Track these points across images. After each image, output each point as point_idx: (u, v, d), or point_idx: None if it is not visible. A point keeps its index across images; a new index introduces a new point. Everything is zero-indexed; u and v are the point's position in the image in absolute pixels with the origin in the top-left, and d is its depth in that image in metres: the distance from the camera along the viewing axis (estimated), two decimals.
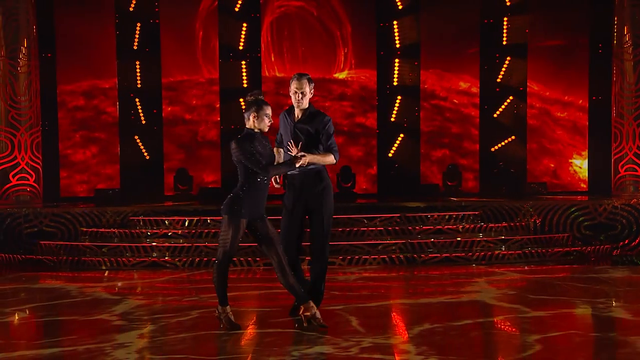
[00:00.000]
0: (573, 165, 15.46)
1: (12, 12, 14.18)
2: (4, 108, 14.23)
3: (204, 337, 7.00)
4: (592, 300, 8.51)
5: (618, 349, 6.34)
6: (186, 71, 16.15)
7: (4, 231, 12.63)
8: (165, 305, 8.75)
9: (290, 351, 6.07)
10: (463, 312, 8.11)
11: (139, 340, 6.76)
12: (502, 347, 6.57)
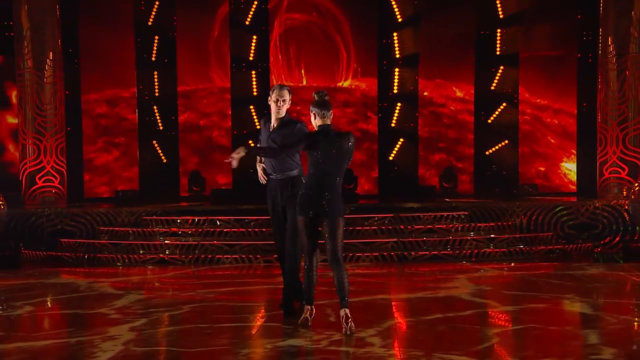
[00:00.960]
0: (563, 168, 15.36)
1: (39, 26, 14.12)
2: (31, 116, 14.24)
3: (188, 330, 6.99)
4: (560, 295, 8.51)
5: (569, 341, 6.32)
6: (200, 80, 16.11)
7: (28, 229, 12.72)
8: (162, 299, 8.73)
9: (265, 344, 6.09)
10: (436, 307, 8.05)
11: (128, 333, 6.75)
12: (461, 340, 6.46)
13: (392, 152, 15.42)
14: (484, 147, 15.24)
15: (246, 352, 5.97)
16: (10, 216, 12.58)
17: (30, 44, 14.22)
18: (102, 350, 6.01)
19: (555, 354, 5.81)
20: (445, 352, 5.81)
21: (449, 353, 5.80)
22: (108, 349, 6.06)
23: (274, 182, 6.73)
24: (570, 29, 14.80)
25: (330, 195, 6.08)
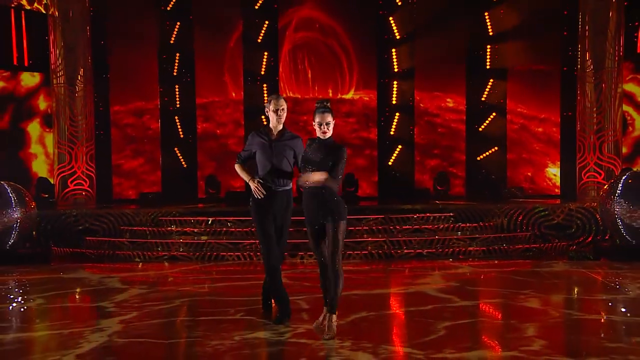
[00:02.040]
0: (548, 173, 15.27)
1: (71, 46, 14.43)
2: (64, 126, 14.51)
3: (171, 323, 7.03)
4: (519, 291, 8.35)
5: (507, 334, 6.27)
6: (216, 93, 16.11)
7: (57, 228, 12.72)
8: (160, 294, 8.66)
9: (234, 336, 6.04)
10: (402, 301, 8.07)
11: (117, 325, 6.71)
12: (410, 333, 6.47)
13: (391, 158, 15.53)
14: (475, 153, 15.34)
15: (215, 343, 5.86)
16: (41, 216, 12.53)
17: (64, 61, 14.50)
18: (88, 341, 5.99)
19: (489, 345, 5.90)
20: (392, 344, 5.89)
21: (395, 345, 5.90)
22: (93, 340, 6.03)
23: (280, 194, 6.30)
24: (556, 44, 14.67)
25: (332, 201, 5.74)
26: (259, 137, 6.38)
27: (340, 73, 15.93)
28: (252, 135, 6.50)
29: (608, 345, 5.76)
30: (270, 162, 6.24)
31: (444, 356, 5.42)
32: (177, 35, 15.75)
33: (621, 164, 13.37)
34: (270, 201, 6.23)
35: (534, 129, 15.34)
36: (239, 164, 6.44)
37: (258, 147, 6.34)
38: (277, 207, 6.28)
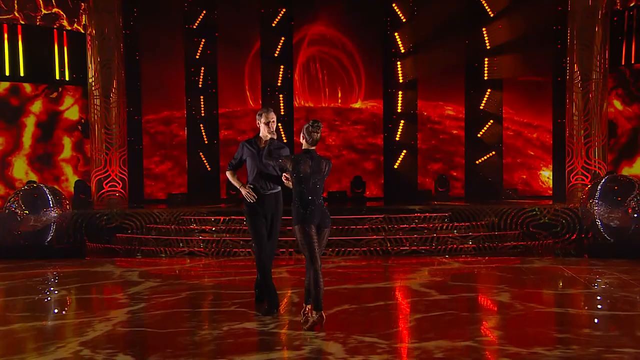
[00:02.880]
0: (542, 176, 15.24)
1: (106, 62, 14.75)
2: (100, 133, 14.82)
3: (172, 314, 6.95)
4: (493, 286, 8.43)
5: (469, 325, 6.25)
6: (237, 103, 16.26)
7: (92, 226, 12.89)
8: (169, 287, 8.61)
9: (222, 326, 6.08)
10: (384, 295, 7.91)
11: (124, 315, 6.76)
12: (382, 324, 6.43)
13: (396, 162, 15.59)
14: (474, 157, 15.34)
15: (204, 333, 5.92)
16: (76, 215, 12.81)
17: (100, 75, 14.77)
18: (94, 330, 6.04)
19: (449, 336, 5.77)
20: (362, 334, 5.75)
21: (365, 335, 5.75)
22: (99, 329, 6.07)
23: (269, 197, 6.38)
24: (548, 57, 14.62)
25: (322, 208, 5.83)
26: (248, 147, 6.45)
27: (349, 84, 16.00)
28: (242, 145, 6.55)
29: (556, 336, 5.83)
30: (259, 168, 6.32)
31: (405, 346, 5.51)
32: (202, 50, 15.93)
33: (607, 168, 13.32)
34: (261, 203, 6.33)
35: (528, 135, 15.32)
36: (230, 172, 6.54)
37: (248, 155, 6.43)
38: (267, 208, 6.36)
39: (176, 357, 5.03)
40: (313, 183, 5.78)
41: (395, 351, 5.30)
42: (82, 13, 15.21)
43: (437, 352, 5.20)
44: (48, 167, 15.55)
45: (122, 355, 5.08)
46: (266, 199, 6.34)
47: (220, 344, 5.55)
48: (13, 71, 15.01)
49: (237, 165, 6.52)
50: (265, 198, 6.34)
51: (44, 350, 5.31)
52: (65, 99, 15.68)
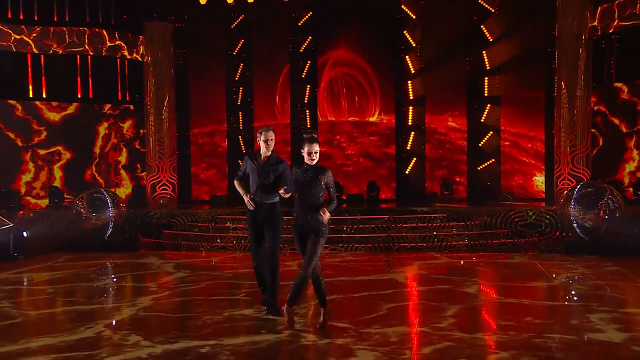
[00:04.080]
0: (535, 181, 15.13)
1: (159, 85, 15.20)
2: (153, 145, 15.24)
3: (189, 301, 7.11)
4: (468, 279, 8.27)
5: (432, 313, 6.26)
6: (270, 117, 16.45)
7: (144, 223, 13.02)
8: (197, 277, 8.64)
9: (224, 312, 6.27)
10: (371, 287, 7.78)
11: (148, 301, 6.89)
12: (359, 312, 6.37)
13: (407, 168, 15.65)
14: (475, 164, 15.36)
15: (207, 317, 6.06)
16: (131, 214, 13.05)
17: (154, 96, 15.17)
18: (120, 314, 6.28)
19: (410, 323, 5.95)
20: (338, 321, 5.84)
21: (340, 321, 5.84)
22: (124, 314, 6.30)
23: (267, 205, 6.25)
24: (541, 76, 14.56)
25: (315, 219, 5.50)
26: (250, 161, 6.37)
27: (366, 100, 16.00)
28: (245, 159, 6.46)
29: (500, 323, 5.87)
30: (259, 182, 6.22)
31: (369, 330, 5.54)
32: (241, 73, 16.28)
33: (590, 174, 13.21)
34: (259, 211, 6.22)
35: (524, 145, 15.16)
36: (237, 181, 6.42)
37: (249, 169, 6.36)
38: (265, 216, 6.21)
39: (177, 338, 5.32)
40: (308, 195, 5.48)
41: (359, 335, 5.40)
42: (140, 44, 15.60)
43: (393, 337, 5.33)
44: (111, 174, 15.88)
45: (134, 336, 5.39)
46: (264, 207, 6.21)
47: (217, 327, 5.72)
48: (84, 93, 15.43)
49: (242, 176, 6.43)
50: (263, 206, 6.21)
51: (74, 330, 5.64)
52: (126, 117, 16.04)
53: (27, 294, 7.86)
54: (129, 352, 4.93)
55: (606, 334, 5.44)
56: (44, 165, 15.24)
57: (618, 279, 8.16)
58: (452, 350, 5.00)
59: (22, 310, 6.72)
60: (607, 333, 5.48)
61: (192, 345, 5.12)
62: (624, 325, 5.73)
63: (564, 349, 5.04)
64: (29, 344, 5.25)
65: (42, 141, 15.19)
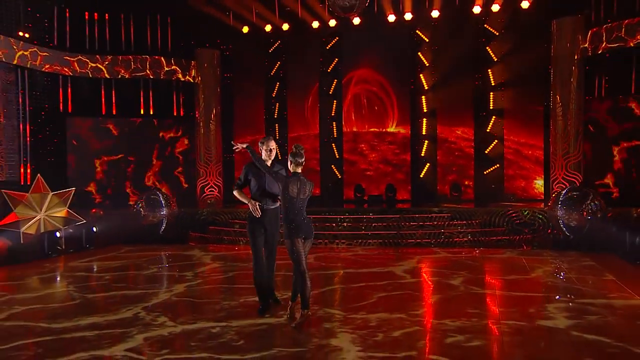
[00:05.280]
0: (535, 184, 15.01)
1: (207, 102, 15.70)
2: (202, 152, 15.73)
3: (215, 288, 7.39)
4: (456, 271, 8.22)
5: (414, 302, 6.38)
6: (302, 128, 16.67)
7: (193, 220, 13.37)
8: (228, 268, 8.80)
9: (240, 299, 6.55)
10: (369, 278, 7.78)
11: (182, 288, 7.22)
12: (352, 300, 6.47)
13: (421, 173, 15.64)
14: (482, 169, 15.25)
15: (224, 303, 6.32)
16: (181, 213, 13.49)
17: (203, 111, 15.70)
18: (157, 298, 6.58)
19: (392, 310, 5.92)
20: (331, 308, 6.06)
21: (332, 308, 6.07)
22: (160, 298, 6.61)
23: (271, 211, 5.92)
24: (540, 91, 14.32)
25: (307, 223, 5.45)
26: (254, 167, 5.92)
27: (385, 113, 16.10)
28: (247, 167, 6.02)
29: (469, 311, 5.93)
30: (262, 187, 5.91)
31: (355, 316, 5.71)
32: (277, 91, 16.51)
33: (582, 179, 13.11)
34: (263, 216, 5.85)
35: (525, 152, 15.04)
36: (237, 190, 5.98)
37: (253, 175, 5.94)
38: (268, 220, 5.89)
39: (196, 320, 5.72)
40: (299, 202, 5.38)
41: (345, 320, 5.61)
42: (192, 68, 16.06)
43: (373, 322, 5.53)
44: (168, 177, 16.35)
45: (163, 317, 5.82)
46: (268, 212, 5.87)
47: (231, 311, 6.03)
48: (146, 110, 16.12)
49: (242, 185, 5.97)
50: (267, 211, 5.87)
51: (116, 312, 6.12)
52: (179, 129, 16.48)
53: (89, 280, 8.27)
54: (155, 331, 5.41)
55: (554, 321, 5.63)
56: (112, 171, 15.92)
57: (588, 272, 8.21)
58: (418, 333, 5.23)
59: (82, 293, 7.18)
60: (555, 320, 5.66)
61: (206, 326, 5.50)
62: (574, 314, 5.88)
63: (511, 333, 5.26)
64: (80, 321, 5.80)
65: (111, 150, 15.84)
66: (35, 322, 5.85)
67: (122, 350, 4.83)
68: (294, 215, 5.36)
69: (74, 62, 15.25)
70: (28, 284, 8.03)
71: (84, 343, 5.06)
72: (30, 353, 4.83)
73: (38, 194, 10.77)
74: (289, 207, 5.35)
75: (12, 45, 13.63)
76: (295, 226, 5.37)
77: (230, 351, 4.77)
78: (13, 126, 14.05)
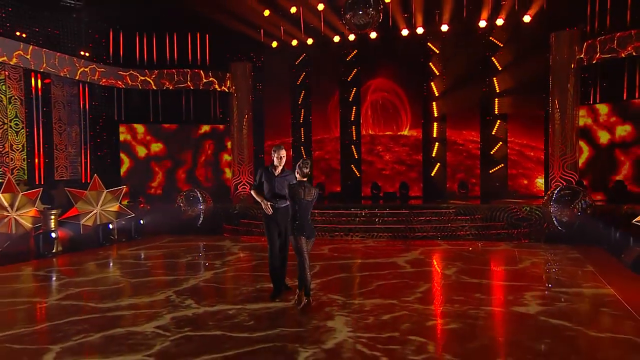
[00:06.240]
0: (537, 182, 14.87)
1: (241, 109, 16.09)
2: (236, 154, 16.07)
3: (237, 275, 7.47)
4: (451, 262, 8.27)
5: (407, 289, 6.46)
6: (325, 132, 16.74)
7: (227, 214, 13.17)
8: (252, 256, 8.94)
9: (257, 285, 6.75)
10: (374, 267, 7.81)
11: (209, 275, 7.46)
12: (353, 287, 6.65)
13: (432, 172, 15.65)
14: (487, 169, 15.16)
15: (244, 289, 6.52)
16: (216, 208, 13.57)
17: (237, 117, 16.07)
18: (187, 283, 6.87)
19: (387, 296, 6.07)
20: (335, 294, 6.20)
21: (336, 294, 6.21)
22: (189, 283, 6.88)
23: (282, 209, 6.04)
24: (541, 97, 14.17)
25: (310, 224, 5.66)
26: (266, 172, 6.12)
27: (399, 118, 16.11)
28: (261, 170, 6.21)
29: (454, 298, 6.09)
30: (273, 189, 6.07)
31: (353, 302, 5.90)
32: (303, 98, 16.71)
33: (578, 177, 13.02)
34: (275, 214, 6.03)
35: (527, 153, 14.87)
36: (254, 190, 6.18)
37: (265, 179, 6.11)
38: (280, 217, 6.03)
39: (217, 302, 6.05)
40: (304, 205, 5.57)
41: (343, 305, 5.82)
42: (227, 79, 16.47)
43: (367, 307, 5.73)
44: (205, 176, 16.67)
45: (189, 300, 6.17)
46: (280, 210, 6.04)
47: (247, 296, 6.29)
48: (187, 117, 16.56)
49: (258, 186, 6.18)
50: (279, 210, 6.04)
51: (150, 294, 6.52)
52: (216, 133, 16.81)
53: (133, 266, 8.62)
54: (181, 312, 5.81)
55: (527, 307, 5.80)
56: (158, 170, 16.45)
57: (571, 264, 8.24)
58: (404, 317, 5.45)
59: (126, 278, 7.60)
60: (528, 307, 5.82)
61: (224, 308, 5.84)
62: (546, 301, 6.02)
63: (485, 317, 5.47)
64: (120, 302, 6.25)
65: (157, 152, 16.37)
66: (85, 302, 6.33)
67: (152, 327, 5.25)
68: (299, 217, 5.58)
69: (126, 76, 15.94)
70: (84, 268, 8.51)
71: (122, 320, 5.51)
72: (78, 327, 5.31)
73: (95, 191, 11.39)
74: (296, 208, 5.58)
75: (75, 63, 14.40)
76: (299, 224, 5.60)
77: (240, 330, 5.12)
78: (76, 132, 14.82)
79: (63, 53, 13.92)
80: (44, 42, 13.37)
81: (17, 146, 12.62)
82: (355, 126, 16.33)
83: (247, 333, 5.02)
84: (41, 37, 13.30)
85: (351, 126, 16.37)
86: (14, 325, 5.37)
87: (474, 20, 14.47)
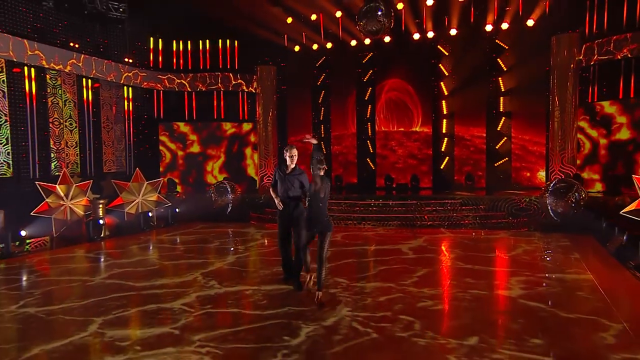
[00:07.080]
0: (539, 175, 14.78)
1: (266, 108, 16.17)
2: (262, 149, 16.22)
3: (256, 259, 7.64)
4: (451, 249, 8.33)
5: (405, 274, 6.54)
6: (342, 128, 16.85)
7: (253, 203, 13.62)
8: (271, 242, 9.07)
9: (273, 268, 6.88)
10: (379, 254, 7.88)
11: (233, 258, 7.72)
12: (357, 271, 6.77)
13: (441, 165, 15.61)
14: (493, 162, 15.04)
15: (261, 271, 6.73)
16: (244, 197, 13.97)
17: (262, 115, 16.07)
18: (213, 266, 7.13)
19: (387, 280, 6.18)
20: (340, 277, 6.40)
21: (341, 277, 6.41)
22: (215, 266, 7.14)
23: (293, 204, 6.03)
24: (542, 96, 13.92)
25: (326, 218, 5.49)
26: (279, 171, 6.10)
27: (411, 115, 16.12)
28: (276, 170, 6.21)
29: (446, 282, 6.22)
30: (285, 188, 6.04)
31: (356, 285, 6.08)
32: (322, 98, 16.82)
33: (575, 170, 12.90)
34: (287, 210, 6.01)
35: (530, 148, 14.76)
36: (272, 189, 6.21)
37: (278, 178, 6.10)
38: (292, 213, 6.00)
39: (236, 284, 6.32)
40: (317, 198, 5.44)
41: (347, 287, 6.00)
42: (254, 81, 16.69)
43: (368, 289, 5.92)
44: (234, 169, 16.93)
45: (213, 281, 6.47)
46: (290, 206, 6.02)
47: (263, 278, 6.52)
48: (218, 115, 16.88)
49: (274, 184, 6.19)
50: (290, 206, 6.02)
51: (182, 275, 6.85)
52: (244, 130, 17.09)
53: (169, 250, 8.96)
54: (205, 291, 6.17)
55: (510, 291, 5.95)
56: (193, 164, 16.82)
57: (561, 251, 8.23)
58: (399, 298, 5.67)
59: (161, 260, 7.94)
60: (512, 290, 5.98)
61: (242, 289, 6.16)
62: (528, 286, 6.14)
63: (471, 300, 5.66)
64: (154, 282, 6.65)
65: (192, 147, 16.71)
66: (125, 281, 6.75)
67: (179, 304, 5.66)
68: (312, 211, 5.48)
69: (164, 79, 16.42)
70: (127, 251, 8.88)
71: (154, 298, 5.92)
72: (117, 303, 5.77)
73: (137, 183, 11.92)
74: (311, 202, 5.47)
75: (120, 69, 14.97)
76: (309, 218, 5.54)
77: (254, 308, 5.47)
78: (121, 130, 15.43)
79: (110, 60, 14.49)
80: (93, 51, 13.94)
81: (71, 143, 13.28)
82: (371, 123, 16.37)
83: (259, 311, 5.33)
84: (91, 46, 13.88)
85: (367, 123, 16.41)
86: (66, 299, 5.86)
87: (480, 24, 14.39)
